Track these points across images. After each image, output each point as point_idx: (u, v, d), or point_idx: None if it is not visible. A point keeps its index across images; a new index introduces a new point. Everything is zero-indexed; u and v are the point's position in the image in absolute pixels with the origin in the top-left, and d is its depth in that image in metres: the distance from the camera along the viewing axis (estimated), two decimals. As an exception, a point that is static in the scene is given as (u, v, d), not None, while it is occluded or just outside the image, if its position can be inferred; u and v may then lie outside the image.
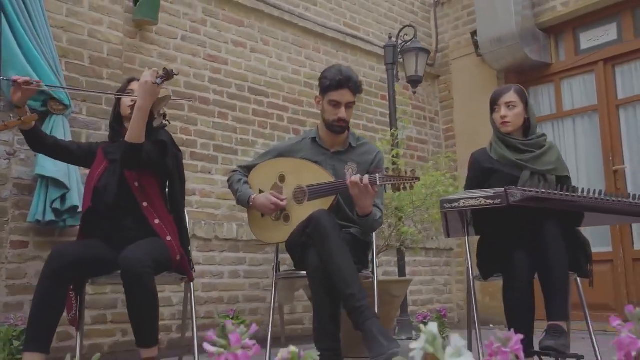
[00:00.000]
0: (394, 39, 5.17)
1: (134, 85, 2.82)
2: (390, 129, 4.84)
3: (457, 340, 0.73)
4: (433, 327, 0.74)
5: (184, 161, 3.08)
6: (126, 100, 2.80)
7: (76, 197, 3.29)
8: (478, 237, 2.99)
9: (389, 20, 5.88)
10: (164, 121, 2.81)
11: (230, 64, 4.50)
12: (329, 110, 2.90)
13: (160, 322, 3.29)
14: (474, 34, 5.86)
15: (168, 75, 2.54)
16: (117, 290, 3.53)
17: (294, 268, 3.03)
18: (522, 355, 0.79)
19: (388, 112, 5.04)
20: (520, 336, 0.81)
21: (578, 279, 2.81)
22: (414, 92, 5.27)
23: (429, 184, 4.03)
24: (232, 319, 1.23)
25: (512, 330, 0.85)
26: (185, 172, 2.96)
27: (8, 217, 3.23)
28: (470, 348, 2.87)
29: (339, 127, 2.93)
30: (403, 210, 3.98)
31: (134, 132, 2.52)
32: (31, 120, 2.56)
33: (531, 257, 2.55)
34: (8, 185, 3.26)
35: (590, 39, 5.45)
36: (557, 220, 2.57)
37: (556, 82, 5.61)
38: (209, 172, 4.24)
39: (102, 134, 3.62)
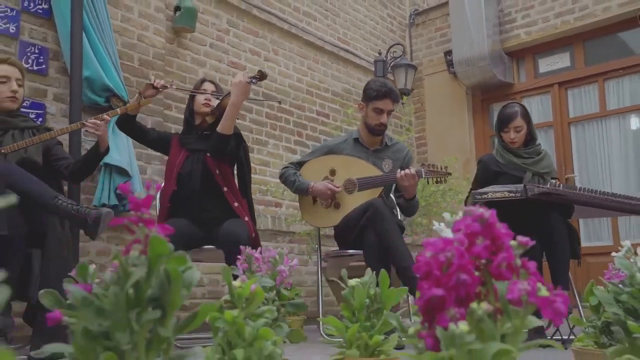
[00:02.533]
0: (383, 55, 5.80)
1: (207, 85, 3.28)
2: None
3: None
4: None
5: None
6: (200, 98, 3.24)
7: (137, 184, 3.68)
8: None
9: (372, 37, 6.52)
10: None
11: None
12: (372, 116, 3.46)
13: (193, 301, 3.81)
14: (447, 53, 6.60)
15: (262, 75, 2.99)
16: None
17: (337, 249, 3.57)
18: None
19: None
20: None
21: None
22: (403, 104, 5.92)
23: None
24: (289, 290, 1.67)
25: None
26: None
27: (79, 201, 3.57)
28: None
29: (379, 130, 3.50)
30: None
31: (226, 125, 2.98)
32: (145, 104, 2.99)
33: (540, 240, 3.22)
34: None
35: (547, 64, 6.32)
36: (559, 212, 3.26)
37: (517, 100, 6.42)
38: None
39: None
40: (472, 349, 0.61)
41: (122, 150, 3.65)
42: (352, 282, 1.36)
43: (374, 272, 1.42)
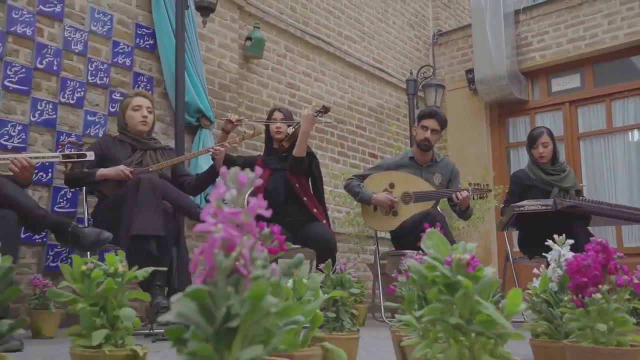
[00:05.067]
0: (414, 75, 6.49)
1: (277, 114, 3.93)
2: (410, 147, 6.15)
3: None
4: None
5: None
6: (272, 127, 3.90)
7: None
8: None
9: (402, 56, 7.21)
10: None
11: (302, 90, 5.66)
12: (419, 132, 4.17)
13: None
14: (468, 71, 7.29)
15: (326, 110, 3.69)
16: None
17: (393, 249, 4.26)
18: None
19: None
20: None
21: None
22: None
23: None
24: (357, 283, 2.28)
25: None
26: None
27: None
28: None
29: (424, 145, 4.19)
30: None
31: (300, 149, 3.66)
32: (249, 137, 3.66)
33: (565, 245, 3.91)
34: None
35: (559, 84, 7.02)
36: (580, 220, 3.96)
37: (531, 116, 7.14)
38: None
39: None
40: (603, 306, 1.29)
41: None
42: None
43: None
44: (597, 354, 1.29)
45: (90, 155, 2.94)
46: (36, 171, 3.39)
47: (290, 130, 3.86)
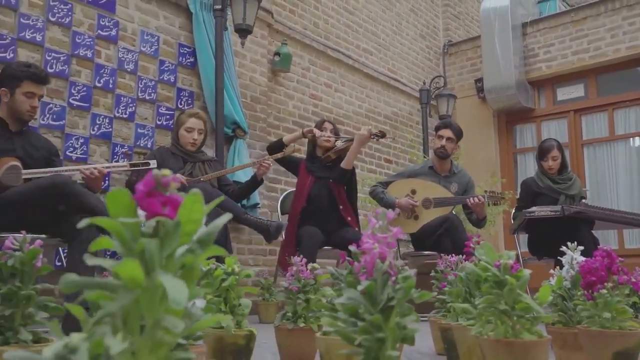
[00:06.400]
0: (427, 85, 6.88)
1: (327, 124, 4.31)
2: (424, 154, 6.54)
3: None
4: None
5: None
6: (322, 141, 4.27)
7: (256, 198, 4.74)
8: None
9: (414, 66, 7.59)
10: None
11: (324, 101, 6.05)
12: (436, 142, 4.56)
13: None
14: (477, 80, 7.67)
15: (383, 135, 4.08)
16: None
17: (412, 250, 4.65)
18: None
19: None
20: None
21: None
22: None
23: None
24: None
25: None
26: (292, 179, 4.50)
27: (216, 210, 4.63)
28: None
29: (441, 153, 4.57)
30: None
31: (349, 163, 4.05)
32: (289, 153, 4.04)
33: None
34: (213, 187, 4.66)
35: (564, 93, 7.41)
36: (585, 224, 4.35)
37: (537, 123, 7.53)
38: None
39: (256, 152, 5.06)
40: (608, 300, 1.68)
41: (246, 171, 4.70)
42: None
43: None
44: (603, 336, 1.67)
45: (154, 164, 3.32)
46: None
47: (339, 143, 4.23)
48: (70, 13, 3.85)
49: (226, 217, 0.71)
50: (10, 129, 3.01)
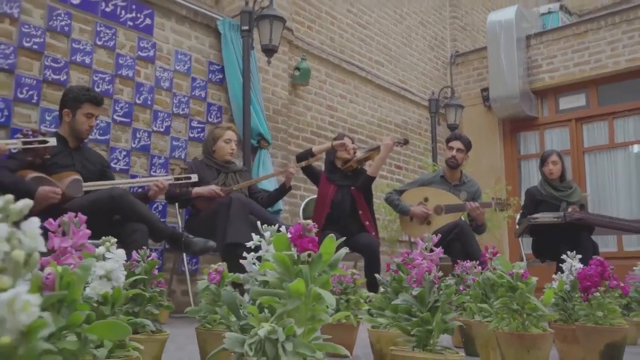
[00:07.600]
0: (435, 95, 7.23)
1: (347, 139, 4.66)
2: (433, 160, 6.90)
3: None
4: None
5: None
6: (343, 153, 4.62)
7: (280, 204, 5.09)
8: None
9: (423, 76, 7.94)
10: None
11: (339, 111, 6.40)
12: (447, 152, 4.92)
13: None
14: (483, 90, 8.02)
15: (405, 142, 4.43)
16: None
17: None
18: None
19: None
20: None
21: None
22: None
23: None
24: None
25: None
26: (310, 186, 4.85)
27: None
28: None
29: (451, 162, 4.93)
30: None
31: (374, 171, 4.41)
32: (312, 162, 4.40)
33: (572, 250, 4.65)
34: (239, 195, 5.02)
35: (566, 103, 7.75)
36: (585, 230, 4.70)
37: (540, 131, 7.88)
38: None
39: (278, 160, 5.42)
40: (600, 301, 2.03)
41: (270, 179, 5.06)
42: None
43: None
44: (596, 331, 2.03)
45: (195, 177, 3.68)
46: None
47: (359, 153, 4.59)
48: (114, 37, 4.22)
49: (344, 251, 1.06)
50: (69, 145, 3.38)
